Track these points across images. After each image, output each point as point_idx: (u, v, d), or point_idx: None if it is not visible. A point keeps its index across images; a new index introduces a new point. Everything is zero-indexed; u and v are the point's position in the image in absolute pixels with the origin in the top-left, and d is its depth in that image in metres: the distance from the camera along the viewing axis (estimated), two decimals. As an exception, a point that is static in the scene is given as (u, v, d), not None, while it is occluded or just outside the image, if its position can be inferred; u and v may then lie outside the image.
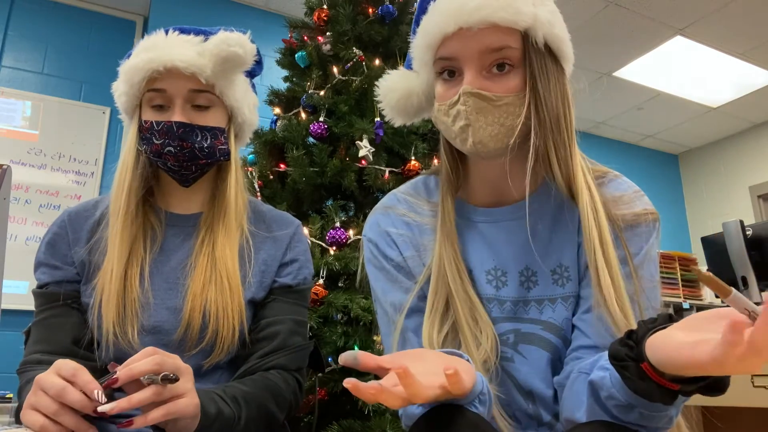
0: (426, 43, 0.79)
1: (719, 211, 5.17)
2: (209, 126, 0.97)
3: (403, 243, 0.86)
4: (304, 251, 1.07)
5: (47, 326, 0.93)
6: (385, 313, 0.85)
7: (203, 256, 0.96)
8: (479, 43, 0.74)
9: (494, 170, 0.83)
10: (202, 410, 0.76)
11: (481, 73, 0.75)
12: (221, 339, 0.91)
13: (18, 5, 3.35)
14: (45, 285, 0.95)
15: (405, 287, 0.84)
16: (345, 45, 1.96)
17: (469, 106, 0.74)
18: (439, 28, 0.76)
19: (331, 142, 1.86)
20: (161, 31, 0.98)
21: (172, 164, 0.96)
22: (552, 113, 0.75)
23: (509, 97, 0.74)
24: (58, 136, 3.28)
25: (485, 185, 0.86)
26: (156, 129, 0.94)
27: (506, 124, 0.74)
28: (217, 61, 0.94)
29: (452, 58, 0.76)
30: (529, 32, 0.75)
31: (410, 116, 0.90)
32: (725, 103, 4.64)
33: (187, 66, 0.93)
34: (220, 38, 0.95)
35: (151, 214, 1.00)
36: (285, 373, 0.95)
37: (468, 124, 0.74)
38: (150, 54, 0.93)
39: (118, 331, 0.89)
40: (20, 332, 0.99)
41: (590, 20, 3.61)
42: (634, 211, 0.80)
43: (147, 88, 0.95)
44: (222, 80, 0.97)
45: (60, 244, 0.97)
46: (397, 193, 0.92)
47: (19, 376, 0.89)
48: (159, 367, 0.69)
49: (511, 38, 0.74)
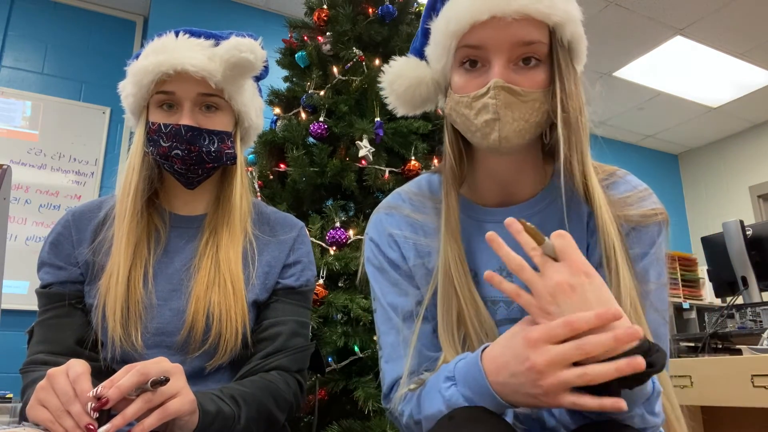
0: (452, 29, 0.75)
1: (719, 211, 5.17)
2: (217, 130, 0.97)
3: (407, 247, 0.85)
4: (308, 253, 1.07)
5: (51, 326, 0.93)
6: (384, 313, 0.84)
7: (207, 258, 0.96)
8: (512, 34, 0.71)
9: (505, 169, 0.82)
10: (202, 408, 0.77)
11: (509, 66, 0.73)
12: (224, 341, 0.91)
13: (18, 5, 3.35)
14: (48, 285, 0.95)
15: (404, 290, 0.83)
16: (345, 45, 1.96)
17: (499, 100, 0.71)
18: (470, 14, 0.72)
19: (331, 142, 1.86)
20: (171, 33, 0.98)
21: (179, 167, 0.96)
22: (575, 110, 0.73)
23: (536, 93, 0.73)
24: (58, 136, 3.28)
25: (493, 184, 0.84)
26: (164, 132, 0.94)
27: (531, 120, 0.73)
28: (227, 66, 0.94)
29: (480, 47, 0.73)
30: (557, 28, 0.74)
31: (415, 106, 0.87)
32: (725, 103, 4.64)
33: (197, 70, 0.93)
34: (232, 44, 0.95)
35: (156, 216, 1.00)
36: (286, 374, 0.95)
37: (496, 118, 0.71)
38: (160, 57, 0.93)
39: (122, 333, 0.89)
40: (20, 332, 0.99)
41: (590, 20, 3.59)
42: (640, 211, 0.78)
43: (156, 90, 0.95)
44: (231, 85, 0.97)
45: (64, 244, 0.97)
46: (402, 192, 0.91)
47: (23, 375, 0.90)
48: (144, 377, 0.70)
49: (542, 33, 0.73)
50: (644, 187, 0.82)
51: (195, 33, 0.99)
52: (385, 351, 0.83)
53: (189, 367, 0.91)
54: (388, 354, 0.82)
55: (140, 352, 0.91)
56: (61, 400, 0.69)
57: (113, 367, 0.90)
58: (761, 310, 1.86)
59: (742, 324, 1.91)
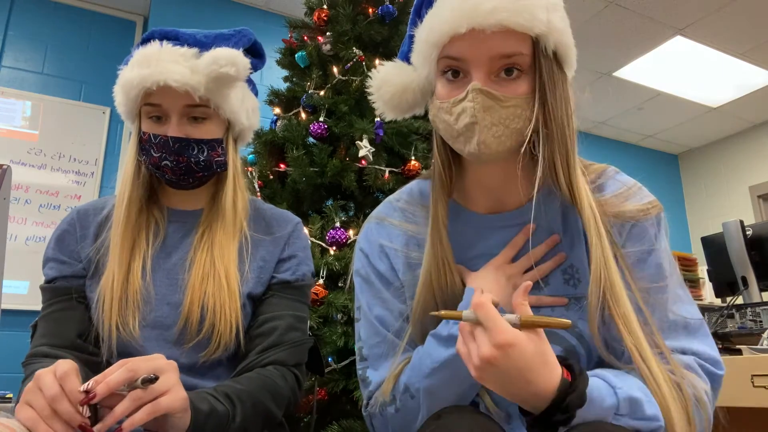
0: (432, 40, 0.76)
1: (719, 211, 5.17)
2: (206, 139, 0.98)
3: (398, 259, 0.86)
4: (304, 248, 1.07)
5: (54, 320, 0.95)
6: (370, 325, 0.85)
7: (202, 252, 0.98)
8: (490, 48, 0.72)
9: (492, 176, 0.82)
10: (194, 407, 0.77)
11: (490, 77, 0.73)
12: (218, 333, 0.92)
13: (18, 5, 3.35)
14: (53, 280, 0.98)
15: (389, 305, 0.84)
16: (345, 45, 1.96)
17: (477, 102, 0.71)
18: (449, 26, 0.73)
19: (331, 142, 1.86)
20: (156, 42, 0.98)
21: (170, 176, 0.98)
22: (558, 121, 0.73)
23: (517, 100, 0.73)
24: (58, 136, 3.28)
25: (482, 191, 0.84)
26: (153, 142, 0.96)
27: (510, 127, 0.73)
28: (209, 80, 0.94)
29: (460, 59, 0.74)
30: (540, 39, 0.73)
31: (403, 111, 0.87)
32: (725, 103, 4.64)
33: (180, 85, 0.93)
34: (212, 57, 0.94)
35: (155, 209, 1.03)
36: (283, 369, 0.95)
37: (474, 121, 0.72)
38: (143, 71, 0.94)
39: (120, 324, 0.91)
40: (20, 332, 1.00)
41: (590, 20, 3.61)
42: (635, 206, 0.79)
43: (143, 102, 0.96)
44: (216, 96, 0.97)
45: (68, 240, 1.00)
46: (392, 201, 0.91)
47: (24, 368, 0.91)
48: (133, 374, 0.70)
49: (523, 44, 0.73)
50: (633, 182, 0.83)
51: (180, 39, 0.98)
52: (372, 361, 0.84)
53: (186, 360, 0.92)
54: (375, 363, 0.83)
55: (138, 343, 0.92)
56: (48, 400, 0.68)
57: (112, 362, 0.90)
58: (761, 310, 1.86)
59: (742, 324, 1.91)
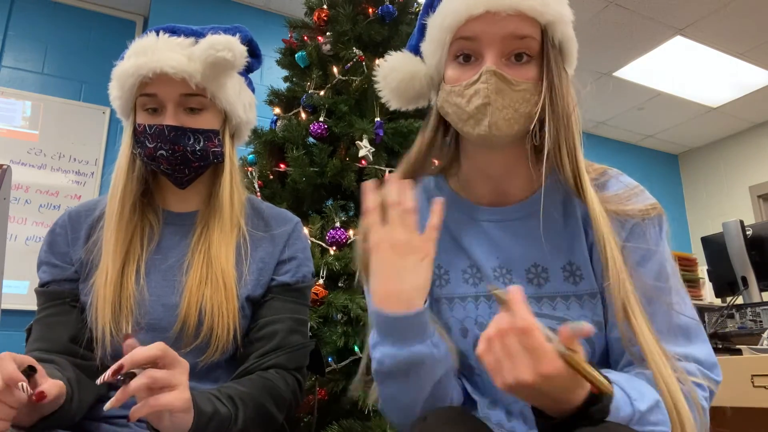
0: (447, 22, 0.77)
1: (719, 211, 5.17)
2: (202, 129, 0.97)
3: None
4: (303, 249, 1.06)
5: (47, 324, 0.94)
6: None
7: (199, 254, 0.96)
8: (504, 28, 0.74)
9: (496, 164, 0.82)
10: (198, 408, 0.76)
11: (501, 60, 0.75)
12: (216, 337, 0.92)
13: (18, 5, 3.35)
14: (46, 284, 0.97)
15: None
16: (345, 45, 1.96)
17: (491, 84, 0.73)
18: (465, 7, 0.75)
19: (331, 142, 1.86)
20: (152, 33, 0.98)
21: (165, 167, 0.96)
22: (564, 108, 0.75)
23: (527, 84, 0.75)
24: (58, 136, 3.29)
25: (484, 181, 0.85)
26: (149, 132, 0.95)
27: (520, 110, 0.75)
28: (206, 66, 0.94)
29: (474, 39, 0.76)
30: (548, 27, 0.76)
31: (408, 100, 0.89)
32: (725, 103, 4.64)
33: (176, 72, 0.93)
34: (208, 43, 0.94)
35: (150, 212, 1.01)
36: (284, 372, 0.95)
37: (488, 102, 0.73)
38: (140, 59, 0.93)
39: (113, 327, 0.90)
40: (20, 332, 1.00)
41: (590, 20, 3.61)
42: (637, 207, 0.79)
43: (139, 93, 0.96)
44: (213, 84, 0.96)
45: (60, 243, 0.99)
46: None
47: None
48: (163, 354, 0.71)
49: (534, 30, 0.75)
50: (636, 184, 0.83)
51: (176, 31, 0.98)
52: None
53: None
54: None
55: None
56: None
57: (106, 365, 0.90)
58: (761, 310, 1.86)
59: (742, 324, 1.91)
